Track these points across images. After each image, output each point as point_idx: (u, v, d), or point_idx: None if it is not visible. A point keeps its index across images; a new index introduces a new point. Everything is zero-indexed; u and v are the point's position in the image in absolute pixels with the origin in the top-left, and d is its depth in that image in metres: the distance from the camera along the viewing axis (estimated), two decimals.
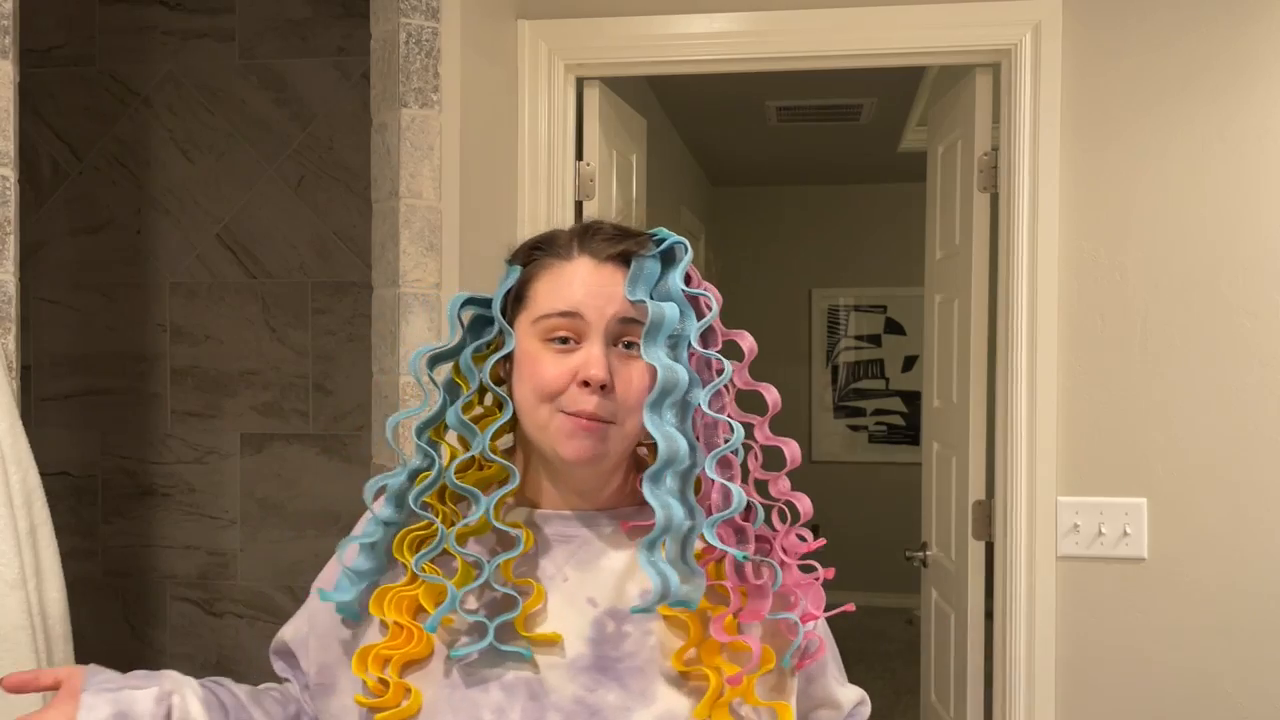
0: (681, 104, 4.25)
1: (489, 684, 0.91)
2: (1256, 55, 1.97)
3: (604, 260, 0.94)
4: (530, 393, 0.93)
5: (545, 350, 0.92)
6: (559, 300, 0.92)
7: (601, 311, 0.92)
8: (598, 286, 0.92)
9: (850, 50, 2.12)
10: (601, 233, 0.95)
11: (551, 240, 0.97)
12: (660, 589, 0.88)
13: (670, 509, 0.89)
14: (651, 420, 0.90)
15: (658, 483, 0.90)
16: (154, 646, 2.73)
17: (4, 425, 1.30)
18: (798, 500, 0.97)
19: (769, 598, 0.93)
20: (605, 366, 0.90)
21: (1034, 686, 2.03)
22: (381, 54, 1.87)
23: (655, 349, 0.91)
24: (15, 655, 1.26)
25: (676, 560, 0.89)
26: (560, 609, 0.94)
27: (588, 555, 0.96)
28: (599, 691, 0.91)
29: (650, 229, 0.98)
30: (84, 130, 2.71)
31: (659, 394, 0.90)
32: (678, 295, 0.93)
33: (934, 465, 2.65)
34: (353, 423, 2.63)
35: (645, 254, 0.94)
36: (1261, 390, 1.98)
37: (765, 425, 0.96)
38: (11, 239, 1.38)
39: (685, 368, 0.92)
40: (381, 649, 0.93)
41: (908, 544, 2.88)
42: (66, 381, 2.73)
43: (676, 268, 0.94)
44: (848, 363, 6.19)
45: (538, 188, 2.15)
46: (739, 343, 0.97)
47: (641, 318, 0.92)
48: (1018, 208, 2.04)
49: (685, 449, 0.90)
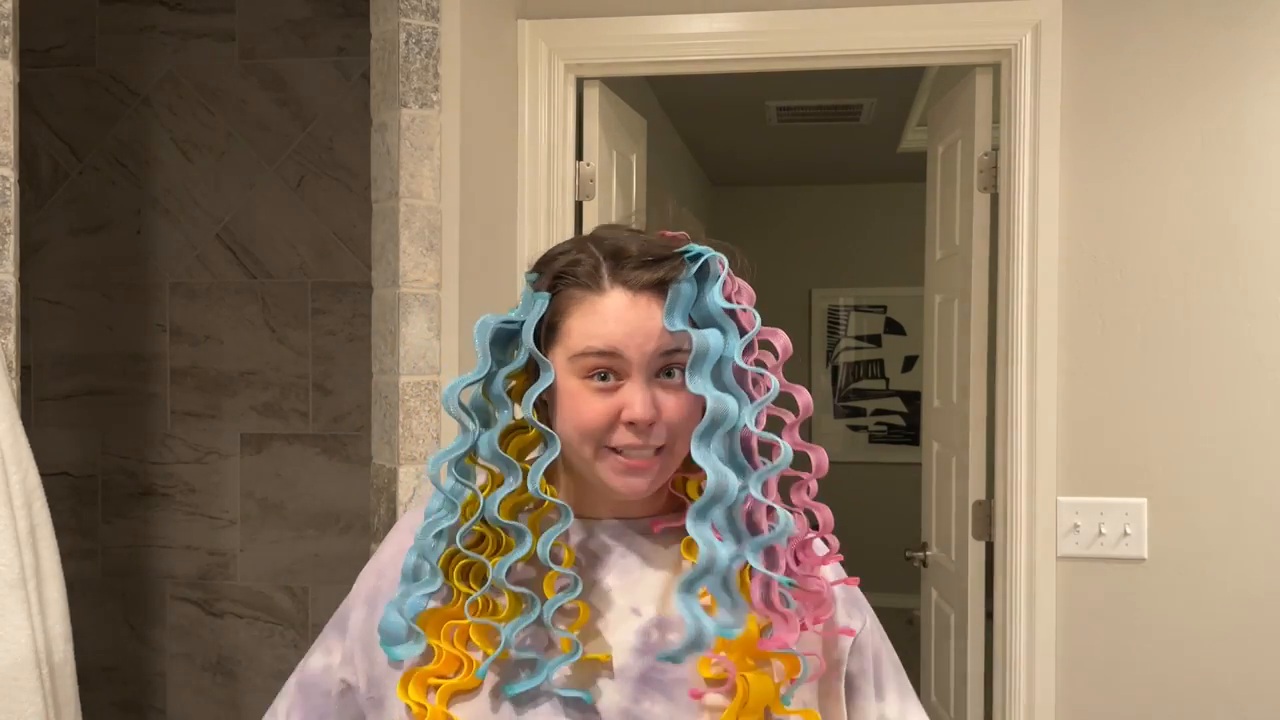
0: (681, 104, 4.25)
1: (540, 708, 0.89)
2: (1257, 55, 1.97)
3: (639, 291, 0.89)
4: (574, 430, 0.90)
5: (585, 389, 0.89)
6: (596, 340, 0.88)
7: (642, 349, 0.88)
8: (636, 323, 0.88)
9: (850, 50, 2.12)
10: (632, 260, 0.89)
11: (578, 267, 0.91)
12: (693, 634, 0.85)
13: (714, 549, 0.86)
14: (700, 453, 0.87)
15: (703, 518, 0.87)
16: (154, 646, 2.73)
17: (4, 425, 1.30)
18: (819, 511, 0.94)
19: (794, 627, 0.90)
20: (650, 405, 0.87)
21: (1034, 686, 2.03)
22: (381, 54, 1.87)
23: (700, 379, 0.88)
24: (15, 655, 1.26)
25: (719, 591, 0.87)
26: (605, 620, 0.92)
27: (629, 564, 0.95)
28: (645, 703, 0.89)
29: (667, 235, 0.94)
30: (84, 130, 2.71)
31: (708, 425, 0.87)
32: (718, 314, 0.89)
33: (934, 465, 2.65)
34: (353, 423, 2.63)
35: (682, 279, 0.89)
36: (1261, 390, 1.97)
37: (795, 430, 0.92)
38: (11, 239, 1.38)
39: (732, 392, 0.89)
40: (430, 675, 0.91)
41: (908, 544, 2.88)
42: (66, 381, 2.73)
43: (714, 285, 0.89)
44: (848, 363, 6.19)
45: (538, 188, 2.15)
46: (773, 342, 0.93)
47: (683, 345, 0.88)
48: (1018, 208, 2.04)
49: (735, 485, 0.87)
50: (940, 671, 2.56)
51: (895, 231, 5.95)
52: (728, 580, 0.87)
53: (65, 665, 1.35)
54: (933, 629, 2.65)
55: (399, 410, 1.83)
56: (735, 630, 0.86)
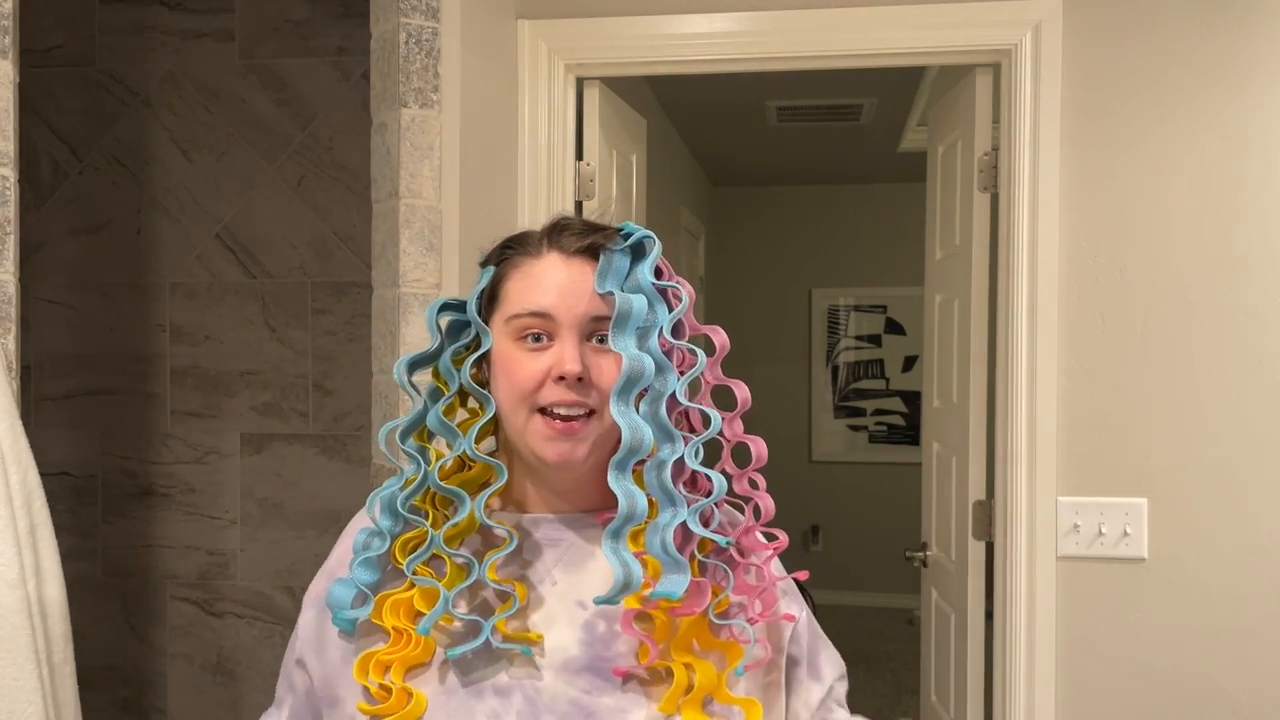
0: (681, 104, 4.25)
1: (484, 689, 0.92)
2: (1258, 55, 1.97)
3: (572, 255, 0.94)
4: (508, 393, 0.94)
5: (519, 349, 0.93)
6: (529, 300, 0.93)
7: (572, 309, 0.92)
8: (568, 283, 0.93)
9: (850, 50, 2.12)
10: (570, 228, 0.96)
11: (523, 239, 0.98)
12: (622, 578, 0.89)
13: (634, 497, 0.90)
14: (617, 409, 0.91)
15: (622, 470, 0.91)
16: (154, 646, 2.73)
17: (4, 425, 1.30)
18: (761, 500, 0.97)
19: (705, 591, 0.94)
20: (578, 360, 0.91)
21: (1034, 686, 2.03)
22: (381, 54, 1.87)
23: (623, 339, 0.92)
24: (15, 655, 1.26)
25: (659, 553, 0.90)
26: (551, 612, 0.95)
27: (576, 557, 0.97)
28: (593, 693, 0.91)
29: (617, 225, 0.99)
30: (84, 130, 2.71)
31: (624, 383, 0.91)
32: (647, 288, 0.94)
33: (934, 465, 2.65)
34: (353, 423, 2.63)
35: (613, 247, 0.94)
36: (1262, 390, 1.98)
37: (735, 421, 0.97)
38: (11, 239, 1.38)
39: (654, 356, 0.92)
40: (382, 655, 0.93)
41: (908, 544, 2.88)
42: (66, 381, 2.73)
43: (645, 261, 0.94)
44: (848, 363, 6.19)
45: (538, 188, 2.15)
46: (712, 338, 0.98)
47: (611, 310, 0.93)
48: (1018, 208, 2.04)
49: (648, 437, 0.91)
50: (940, 671, 2.56)
51: (895, 231, 5.95)
52: (665, 543, 0.90)
53: (65, 665, 1.35)
54: (933, 629, 2.65)
55: (399, 410, 1.83)
56: (678, 590, 0.89)
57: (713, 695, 0.92)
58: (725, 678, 0.92)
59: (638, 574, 0.89)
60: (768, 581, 0.97)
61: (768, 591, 0.97)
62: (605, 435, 0.94)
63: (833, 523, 6.22)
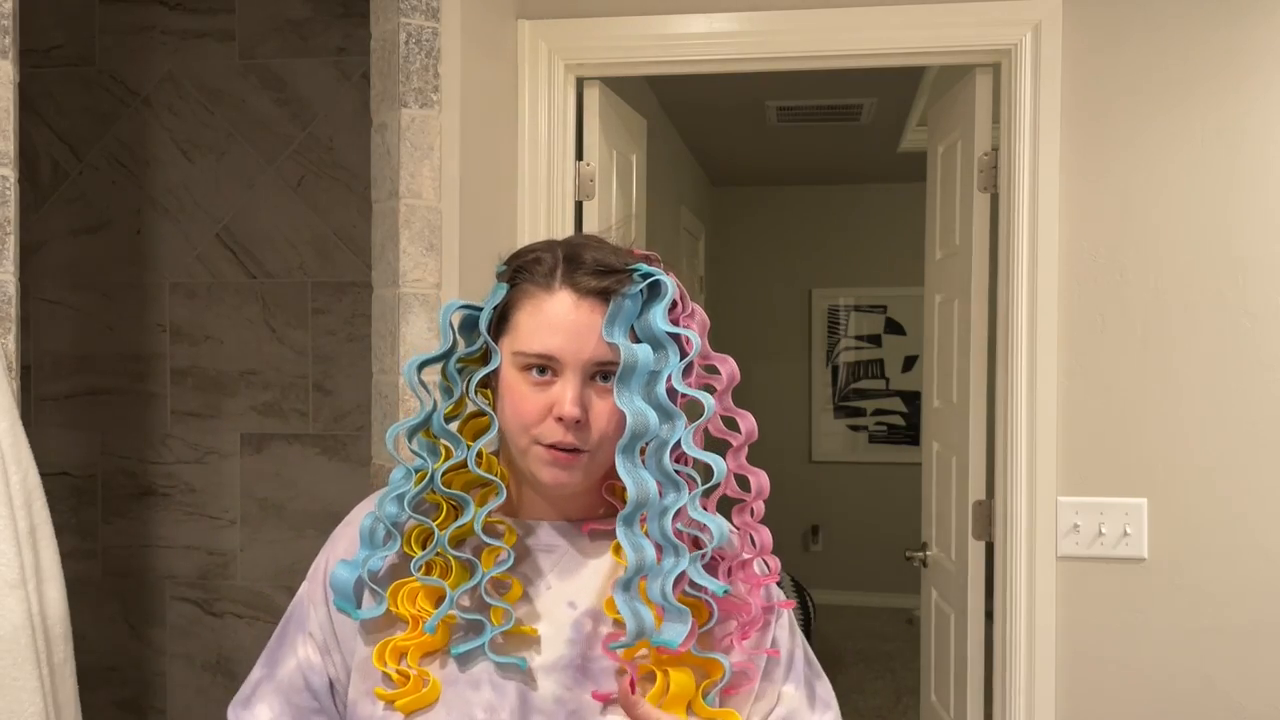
0: (681, 104, 4.25)
1: (481, 682, 0.96)
2: (1258, 55, 1.97)
3: (584, 295, 0.94)
4: (511, 418, 0.96)
5: (523, 381, 0.95)
6: (536, 341, 0.94)
7: (578, 355, 0.93)
8: (575, 327, 0.93)
9: (850, 50, 2.12)
10: (584, 266, 0.95)
11: (537, 265, 0.97)
12: (635, 630, 0.91)
13: (643, 551, 0.92)
14: (623, 465, 0.93)
15: (630, 525, 0.94)
16: (154, 646, 2.73)
17: (4, 425, 1.30)
18: (758, 533, 0.99)
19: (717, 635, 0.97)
20: (579, 404, 0.92)
21: (1034, 686, 2.03)
22: (381, 54, 1.87)
23: (627, 392, 0.93)
24: (15, 655, 1.26)
25: (660, 600, 0.92)
26: (544, 614, 0.98)
27: (569, 564, 1.01)
28: (577, 691, 0.95)
29: (638, 253, 0.98)
30: (84, 130, 2.71)
31: (629, 439, 0.92)
32: (659, 334, 0.94)
33: (934, 465, 2.65)
34: (353, 423, 2.63)
35: (624, 293, 0.94)
36: (1262, 390, 1.98)
37: (740, 453, 0.98)
38: (11, 239, 1.38)
39: (661, 407, 0.93)
40: (399, 641, 0.97)
41: (908, 544, 2.88)
42: (66, 381, 2.73)
43: (659, 304, 0.94)
44: (848, 363, 6.19)
45: (538, 188, 2.15)
46: (720, 368, 0.98)
47: (617, 358, 0.93)
48: (1018, 208, 2.04)
49: (654, 492, 0.93)
50: (940, 671, 2.56)
51: (895, 231, 5.96)
52: (665, 591, 0.92)
53: (65, 665, 1.35)
54: (933, 629, 2.65)
55: (399, 410, 1.83)
56: (678, 639, 0.91)
57: (692, 704, 0.95)
58: (705, 687, 0.95)
59: (649, 623, 0.91)
60: (757, 610, 0.99)
61: (755, 619, 0.99)
62: (602, 459, 0.96)
63: (833, 523, 6.22)
